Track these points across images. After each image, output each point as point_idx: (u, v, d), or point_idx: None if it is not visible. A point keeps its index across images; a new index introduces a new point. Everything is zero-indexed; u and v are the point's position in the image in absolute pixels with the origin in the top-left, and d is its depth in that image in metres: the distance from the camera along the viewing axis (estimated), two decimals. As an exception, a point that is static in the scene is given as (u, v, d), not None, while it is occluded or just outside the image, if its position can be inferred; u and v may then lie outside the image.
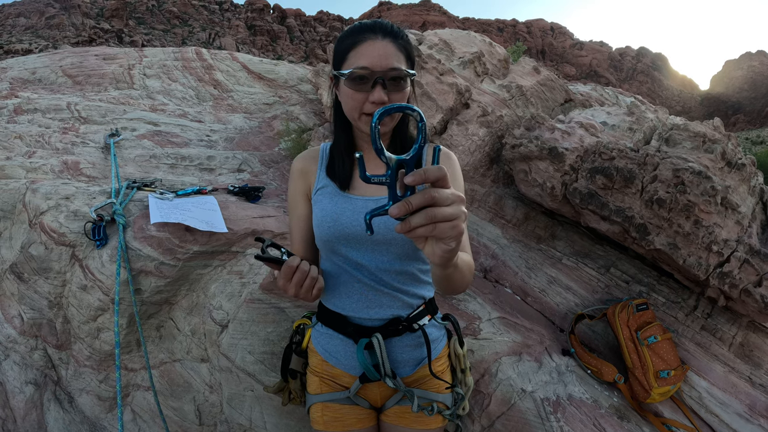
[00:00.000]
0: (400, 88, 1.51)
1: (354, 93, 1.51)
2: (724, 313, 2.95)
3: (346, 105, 1.57)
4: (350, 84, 1.50)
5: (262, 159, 4.46)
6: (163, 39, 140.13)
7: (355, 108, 1.53)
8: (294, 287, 1.43)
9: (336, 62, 1.60)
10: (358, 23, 1.58)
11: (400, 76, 1.50)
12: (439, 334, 1.84)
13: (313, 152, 1.84)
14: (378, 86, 1.47)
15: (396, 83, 1.50)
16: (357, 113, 1.54)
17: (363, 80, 1.48)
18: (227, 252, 2.79)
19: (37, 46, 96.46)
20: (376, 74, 1.47)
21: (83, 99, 5.28)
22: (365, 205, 1.62)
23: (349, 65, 1.51)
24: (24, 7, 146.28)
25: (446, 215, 0.89)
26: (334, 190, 1.69)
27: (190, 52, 7.30)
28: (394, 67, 1.49)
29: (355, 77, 1.49)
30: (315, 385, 1.83)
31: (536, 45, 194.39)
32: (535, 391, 2.47)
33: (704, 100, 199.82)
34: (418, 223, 0.90)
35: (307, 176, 1.78)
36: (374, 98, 1.47)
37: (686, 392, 2.78)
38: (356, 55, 1.51)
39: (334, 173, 1.72)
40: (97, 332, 2.63)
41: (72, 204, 2.84)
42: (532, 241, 3.61)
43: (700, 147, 3.09)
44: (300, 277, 1.42)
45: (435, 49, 4.62)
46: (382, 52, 1.49)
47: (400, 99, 1.52)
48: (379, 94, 1.46)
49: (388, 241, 1.61)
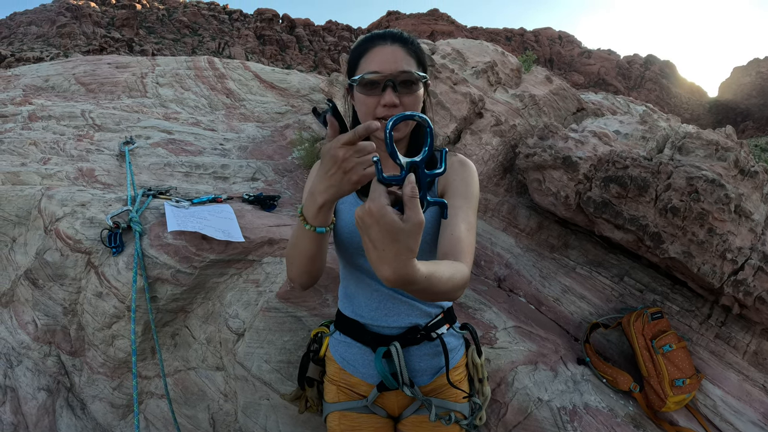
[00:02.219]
0: (411, 91, 1.53)
1: (365, 98, 1.53)
2: (738, 321, 2.94)
3: (359, 111, 1.59)
4: (361, 89, 1.53)
5: (275, 168, 4.47)
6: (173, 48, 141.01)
7: (368, 113, 1.54)
8: (355, 163, 1.16)
9: (349, 71, 1.64)
10: (369, 33, 1.61)
11: (410, 79, 1.52)
12: (457, 343, 1.84)
13: None
14: (388, 89, 1.49)
15: (407, 86, 1.52)
16: (370, 118, 1.54)
17: (373, 84, 1.50)
18: (243, 260, 2.79)
19: (48, 55, 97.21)
20: (386, 77, 1.49)
21: (97, 107, 5.31)
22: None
23: (360, 71, 1.54)
24: (35, 16, 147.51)
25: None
26: (354, 198, 1.71)
27: (203, 61, 7.34)
28: (404, 70, 1.51)
29: (365, 82, 1.51)
30: (332, 394, 1.83)
31: (544, 53, 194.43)
32: (552, 400, 2.46)
33: (713, 107, 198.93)
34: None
35: None
36: (385, 101, 1.48)
37: (701, 401, 2.77)
38: (366, 61, 1.54)
39: None
40: (112, 339, 2.64)
41: (88, 211, 2.85)
42: (545, 250, 3.60)
43: (713, 155, 3.08)
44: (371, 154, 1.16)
45: (448, 58, 4.62)
46: (392, 56, 1.52)
47: (411, 102, 1.54)
48: (390, 96, 1.48)
49: None
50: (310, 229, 1.39)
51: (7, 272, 3.03)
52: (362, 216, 0.94)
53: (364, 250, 0.97)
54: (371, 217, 0.92)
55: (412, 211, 0.91)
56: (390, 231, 0.91)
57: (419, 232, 0.93)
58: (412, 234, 0.92)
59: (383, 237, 0.92)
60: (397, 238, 0.91)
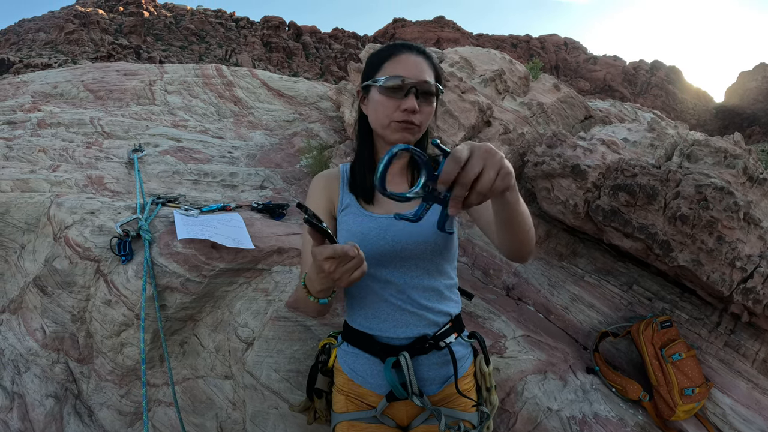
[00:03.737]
0: (429, 102, 1.60)
1: (386, 99, 1.57)
2: (747, 329, 2.92)
3: (375, 112, 1.62)
4: (384, 91, 1.57)
5: (284, 176, 4.48)
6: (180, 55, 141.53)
7: (386, 115, 1.58)
8: (341, 272, 1.24)
9: (369, 72, 1.67)
10: (394, 42, 1.67)
11: (431, 90, 1.58)
12: (466, 352, 1.84)
13: (334, 172, 1.89)
14: (411, 95, 1.54)
15: (427, 97, 1.58)
16: (387, 120, 1.59)
17: (397, 88, 1.55)
18: (253, 269, 2.79)
19: (57, 61, 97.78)
20: (412, 83, 1.54)
21: (106, 114, 5.34)
22: (390, 223, 1.65)
23: (384, 73, 1.58)
24: (44, 22, 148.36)
25: (490, 179, 1.02)
26: (358, 209, 1.72)
27: (211, 69, 7.37)
28: (426, 80, 1.56)
29: (390, 84, 1.55)
30: (341, 404, 1.82)
31: (550, 60, 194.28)
32: (561, 409, 2.45)
33: (719, 112, 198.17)
34: (473, 201, 1.04)
35: (330, 193, 1.82)
36: (407, 105, 1.53)
37: (710, 409, 2.75)
38: (392, 64, 1.59)
39: (356, 187, 1.75)
40: (120, 347, 2.64)
41: (97, 219, 2.86)
42: (554, 258, 3.59)
43: (722, 162, 3.08)
44: (356, 263, 1.25)
45: (456, 67, 4.63)
46: (418, 65, 1.58)
47: (428, 112, 1.61)
48: (412, 101, 1.53)
49: (416, 256, 1.64)
50: (314, 300, 1.46)
51: (15, 279, 3.04)
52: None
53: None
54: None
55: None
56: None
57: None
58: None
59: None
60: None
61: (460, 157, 0.99)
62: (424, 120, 1.61)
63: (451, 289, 1.80)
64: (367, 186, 1.73)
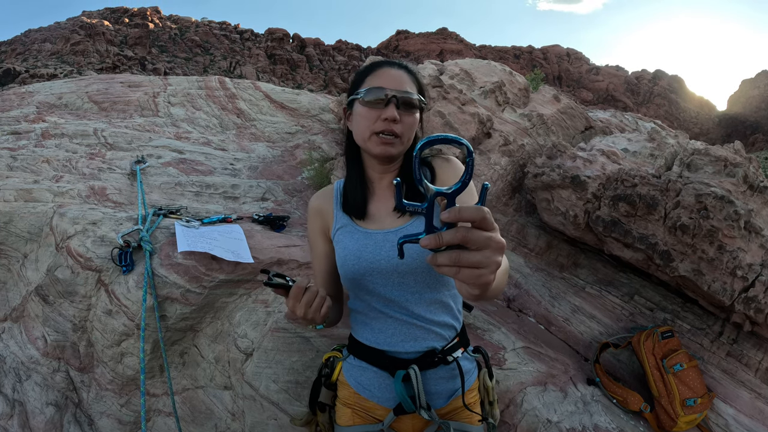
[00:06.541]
0: (410, 113, 1.61)
1: (368, 111, 1.59)
2: (749, 338, 2.92)
3: (358, 126, 1.64)
4: (365, 103, 1.59)
5: (285, 188, 4.49)
6: (185, 67, 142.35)
7: (367, 127, 1.59)
8: (303, 307, 1.45)
9: (352, 88, 1.70)
10: (377, 60, 1.73)
11: (412, 100, 1.59)
12: (471, 366, 1.83)
13: (328, 191, 1.90)
14: (391, 104, 1.56)
15: (408, 108, 1.60)
16: (368, 133, 1.60)
17: (377, 99, 1.57)
18: (253, 281, 2.80)
19: (62, 71, 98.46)
20: (391, 93, 1.56)
21: (109, 125, 5.36)
22: (385, 239, 1.65)
23: (365, 86, 1.62)
24: (49, 33, 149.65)
25: (472, 262, 0.85)
26: (353, 227, 1.73)
27: (214, 81, 7.40)
28: (407, 91, 1.59)
29: (371, 97, 1.57)
30: (347, 417, 1.81)
31: (553, 71, 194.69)
32: (561, 421, 2.44)
33: (722, 120, 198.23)
34: (443, 262, 0.86)
35: (323, 215, 1.84)
36: (387, 114, 1.55)
37: (713, 420, 2.74)
38: (373, 78, 1.62)
39: (348, 206, 1.76)
40: (121, 357, 2.64)
41: (99, 229, 2.88)
42: (554, 269, 3.59)
43: (722, 171, 3.08)
44: (309, 297, 1.45)
45: (456, 79, 4.65)
46: (397, 77, 1.61)
47: (409, 123, 1.62)
48: (392, 110, 1.55)
49: (414, 271, 1.63)
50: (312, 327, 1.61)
51: (18, 288, 3.06)
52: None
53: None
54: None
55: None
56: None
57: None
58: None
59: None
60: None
61: (486, 218, 0.84)
62: (406, 131, 1.61)
63: (456, 298, 1.80)
64: (359, 204, 1.74)
